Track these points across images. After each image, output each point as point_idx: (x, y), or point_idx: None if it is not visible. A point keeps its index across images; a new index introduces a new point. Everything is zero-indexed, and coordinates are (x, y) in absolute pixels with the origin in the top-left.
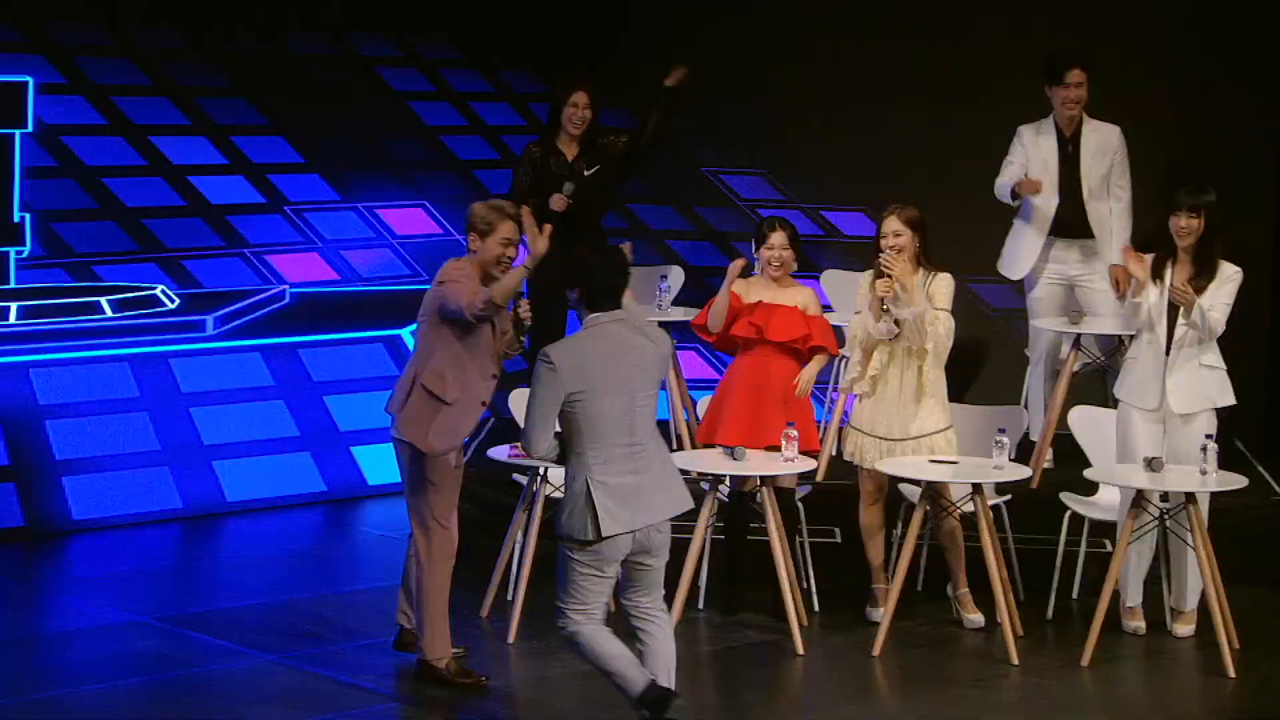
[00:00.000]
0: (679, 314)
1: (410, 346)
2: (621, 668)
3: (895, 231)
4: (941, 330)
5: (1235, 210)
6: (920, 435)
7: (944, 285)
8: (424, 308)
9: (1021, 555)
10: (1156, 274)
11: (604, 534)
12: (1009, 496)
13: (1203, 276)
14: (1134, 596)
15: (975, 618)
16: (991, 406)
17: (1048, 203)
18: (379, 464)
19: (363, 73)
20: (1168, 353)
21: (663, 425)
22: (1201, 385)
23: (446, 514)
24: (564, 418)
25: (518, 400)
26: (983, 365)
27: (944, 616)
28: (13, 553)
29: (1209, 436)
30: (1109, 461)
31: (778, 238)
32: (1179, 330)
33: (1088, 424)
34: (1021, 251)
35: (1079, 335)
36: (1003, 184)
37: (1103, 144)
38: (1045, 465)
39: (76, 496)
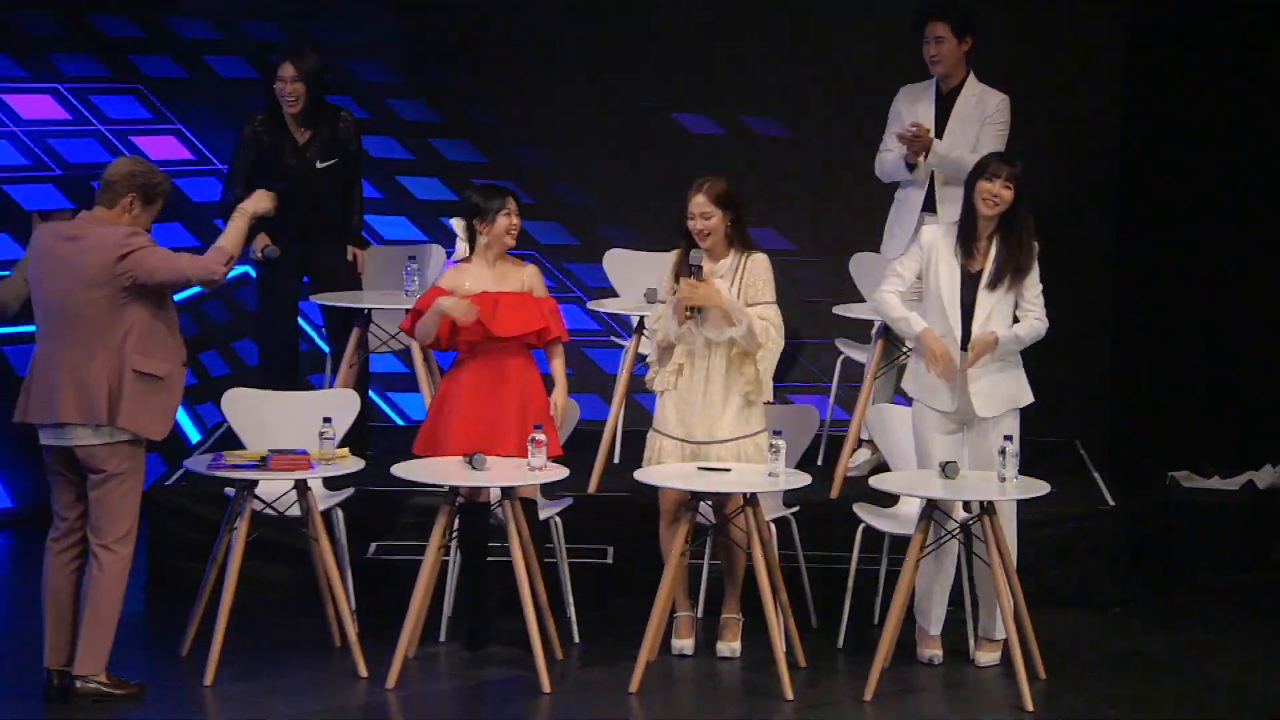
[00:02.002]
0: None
1: None
2: None
3: (703, 212)
4: (774, 331)
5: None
6: (728, 439)
7: (762, 272)
8: (66, 298)
9: (817, 575)
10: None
11: None
12: (796, 509)
13: (1012, 255)
14: (935, 624)
15: (729, 646)
16: (782, 405)
17: (922, 171)
18: None
19: None
20: (964, 348)
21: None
22: (1004, 384)
23: (136, 521)
24: None
25: (233, 402)
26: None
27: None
28: None
29: (1008, 439)
30: (909, 465)
31: (514, 203)
32: (977, 320)
33: (884, 423)
34: (896, 229)
35: (884, 325)
36: (883, 159)
37: (977, 108)
38: (852, 471)
39: None
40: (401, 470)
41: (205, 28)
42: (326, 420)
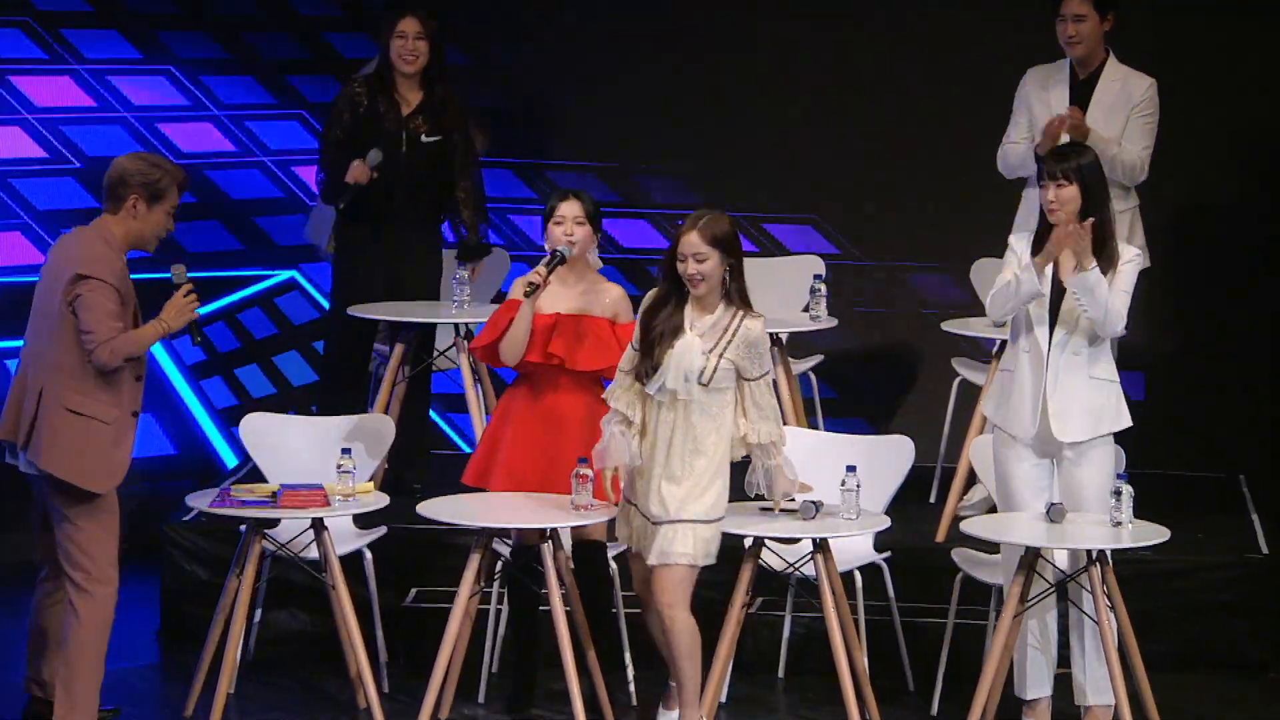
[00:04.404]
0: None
1: None
2: None
3: (696, 253)
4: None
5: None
6: (677, 520)
7: (763, 342)
8: (45, 299)
9: (917, 630)
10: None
11: None
12: (888, 554)
13: (1095, 261)
14: (1035, 688)
15: None
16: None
17: None
18: None
19: None
20: (1047, 362)
21: None
22: (1094, 404)
23: (114, 558)
24: None
25: (252, 429)
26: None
27: (790, 714)
28: None
29: (1121, 476)
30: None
31: (569, 208)
32: (1061, 328)
33: (991, 455)
34: (1025, 233)
35: (1002, 342)
36: (1006, 151)
37: (1123, 95)
38: (966, 511)
39: None
40: (429, 509)
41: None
42: (345, 451)
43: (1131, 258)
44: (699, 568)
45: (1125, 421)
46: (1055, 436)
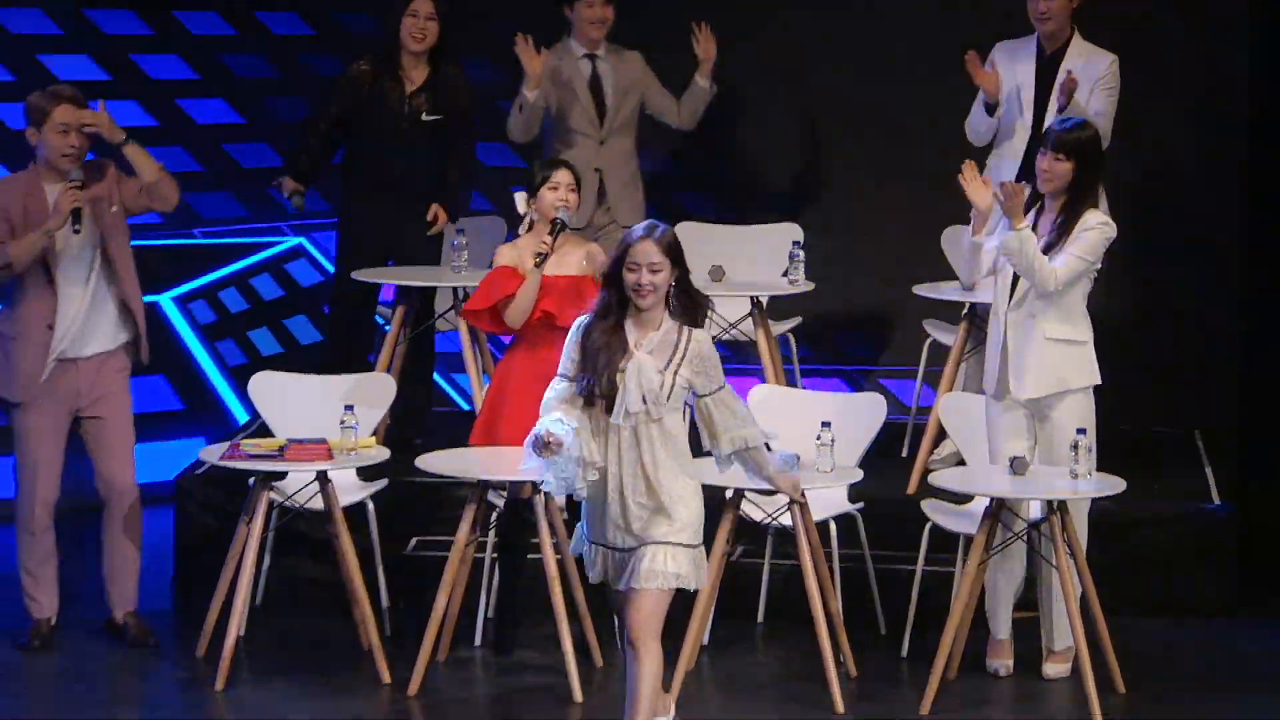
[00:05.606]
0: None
1: None
2: None
3: (651, 263)
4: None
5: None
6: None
7: (712, 355)
8: None
9: (889, 578)
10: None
11: None
12: (861, 505)
13: (1067, 230)
14: (1002, 628)
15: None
16: (844, 394)
17: (1019, 138)
18: None
19: None
20: (1005, 321)
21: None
22: (1049, 363)
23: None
24: None
25: (260, 387)
26: None
27: (768, 656)
28: None
29: (1081, 431)
30: (984, 459)
31: (564, 175)
32: (1020, 287)
33: (961, 411)
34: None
35: (973, 305)
36: (973, 122)
37: (1087, 70)
38: (936, 464)
39: None
40: (427, 462)
41: None
42: (348, 408)
43: (1094, 225)
44: (673, 593)
45: (1087, 380)
46: (1012, 393)
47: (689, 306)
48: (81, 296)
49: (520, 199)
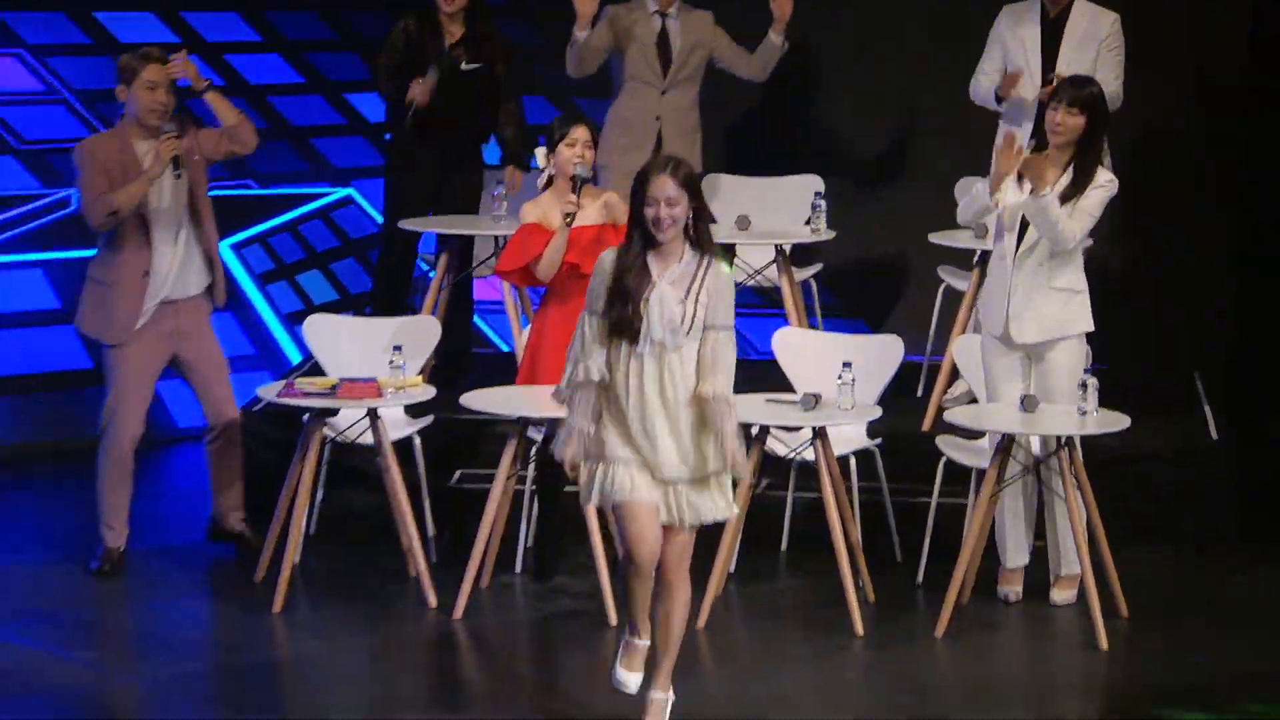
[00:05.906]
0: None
1: None
2: None
3: (669, 197)
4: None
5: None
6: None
7: (728, 288)
8: None
9: (905, 510)
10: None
11: None
12: (879, 441)
13: (1079, 185)
14: (1014, 558)
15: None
16: (863, 336)
17: (1028, 99)
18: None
19: None
20: (1011, 268)
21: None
22: (1050, 310)
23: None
24: None
25: (313, 329)
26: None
27: (792, 583)
28: None
29: (1088, 371)
30: None
31: (581, 131)
32: (1028, 238)
33: (973, 353)
34: None
35: (984, 253)
36: (977, 84)
37: (1091, 30)
38: (949, 403)
39: None
40: (470, 400)
41: None
42: (397, 349)
43: (1103, 183)
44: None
45: (1085, 326)
46: (1013, 337)
47: (707, 236)
48: (175, 243)
49: (541, 154)
